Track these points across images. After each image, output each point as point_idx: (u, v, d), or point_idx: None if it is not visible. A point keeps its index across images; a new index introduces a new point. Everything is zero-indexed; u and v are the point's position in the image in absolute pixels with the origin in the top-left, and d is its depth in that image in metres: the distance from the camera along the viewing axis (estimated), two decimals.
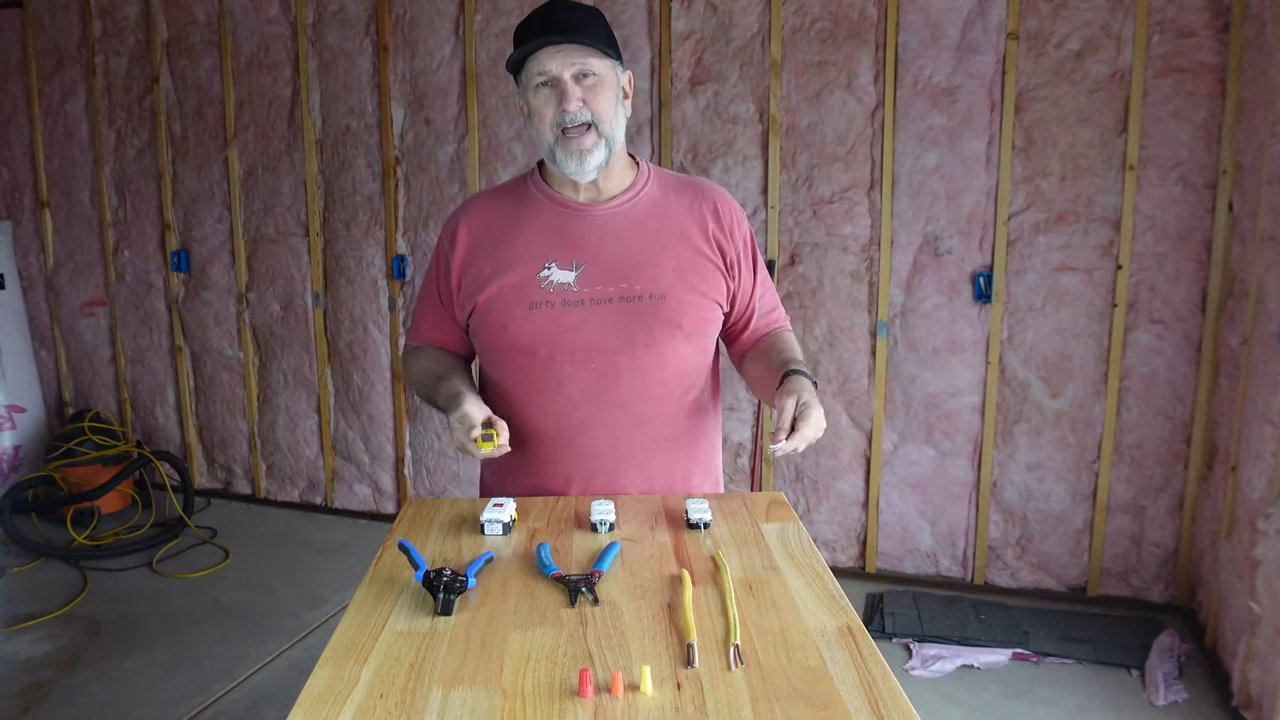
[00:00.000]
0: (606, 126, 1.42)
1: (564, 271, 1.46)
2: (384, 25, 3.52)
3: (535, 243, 1.48)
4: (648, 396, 1.49)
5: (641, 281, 1.45)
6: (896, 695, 0.93)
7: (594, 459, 1.50)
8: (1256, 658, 2.32)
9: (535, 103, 1.41)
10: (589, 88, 1.40)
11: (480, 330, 1.51)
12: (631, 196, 1.50)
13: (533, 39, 1.38)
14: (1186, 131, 2.78)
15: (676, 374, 1.51)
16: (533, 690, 0.94)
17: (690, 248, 1.48)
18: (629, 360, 1.46)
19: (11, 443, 4.10)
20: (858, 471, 3.25)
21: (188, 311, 4.08)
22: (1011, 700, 2.53)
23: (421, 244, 3.63)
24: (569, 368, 1.46)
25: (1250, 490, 2.43)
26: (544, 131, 1.42)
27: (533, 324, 1.45)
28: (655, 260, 1.46)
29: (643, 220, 1.49)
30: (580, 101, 1.39)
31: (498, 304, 1.47)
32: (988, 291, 3.00)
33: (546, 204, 1.50)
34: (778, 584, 1.18)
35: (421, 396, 1.59)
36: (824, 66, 3.07)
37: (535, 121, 1.43)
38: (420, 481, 3.83)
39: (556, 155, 1.42)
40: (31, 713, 2.53)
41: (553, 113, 1.40)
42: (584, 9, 1.43)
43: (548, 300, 1.45)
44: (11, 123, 4.23)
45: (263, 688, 2.65)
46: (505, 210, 1.52)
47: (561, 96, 1.39)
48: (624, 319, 1.45)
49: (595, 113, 1.40)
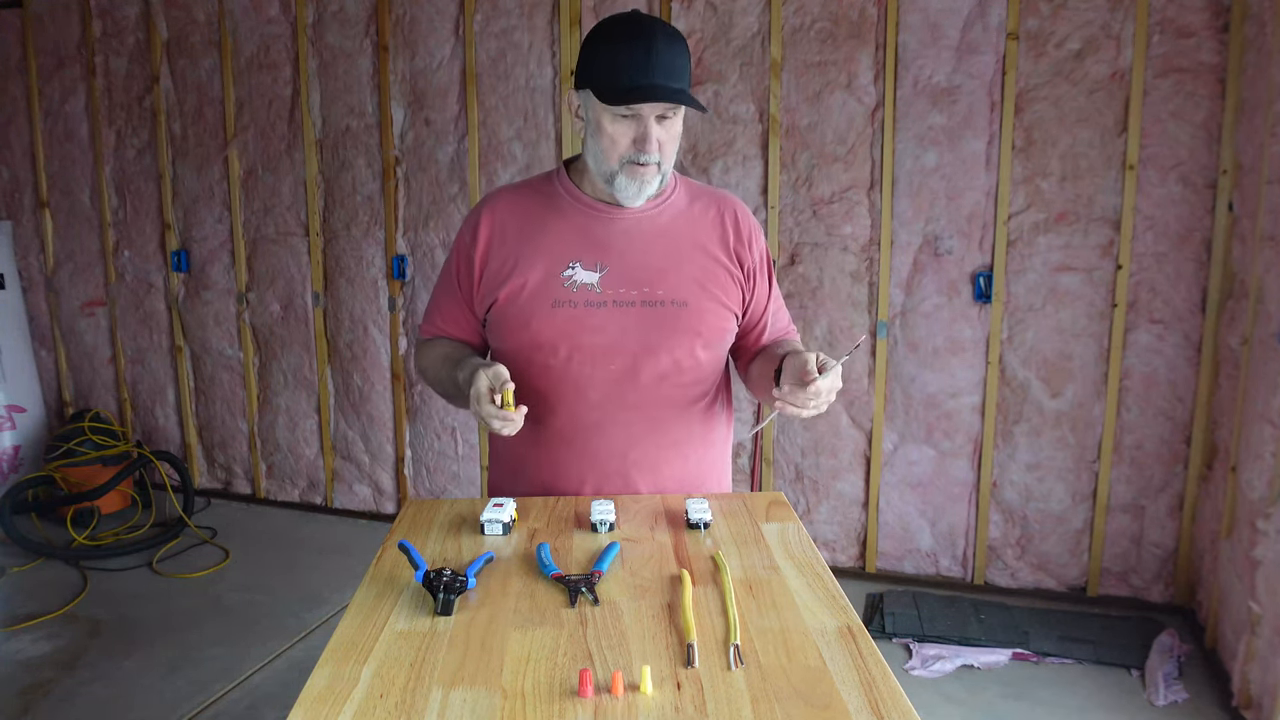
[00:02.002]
0: (668, 164, 1.43)
1: (588, 272, 1.46)
2: (384, 25, 3.52)
3: (560, 242, 1.48)
4: (664, 401, 1.51)
5: (664, 287, 1.47)
6: (896, 695, 0.93)
7: (607, 460, 1.51)
8: (1256, 658, 2.32)
9: (610, 129, 1.39)
10: (666, 128, 1.40)
11: (499, 326, 1.51)
12: (659, 203, 1.51)
13: (627, 79, 1.34)
14: (1186, 131, 2.78)
15: (693, 380, 1.52)
16: (533, 690, 0.94)
17: (711, 258, 1.50)
18: (648, 364, 1.48)
19: (11, 443, 4.10)
20: (858, 471, 3.25)
21: (188, 311, 4.08)
22: (1011, 700, 2.53)
23: (421, 244, 3.63)
24: (588, 368, 1.46)
25: (1250, 490, 2.43)
26: (610, 157, 1.40)
27: (554, 322, 1.45)
28: (678, 267, 1.48)
29: (668, 228, 1.50)
30: (657, 145, 1.39)
31: (520, 300, 1.47)
32: (988, 291, 3.00)
33: (574, 204, 1.50)
34: (778, 584, 1.18)
35: (436, 385, 1.58)
36: (824, 66, 3.07)
37: (602, 143, 1.40)
38: (420, 481, 3.83)
39: (617, 181, 1.41)
40: (31, 713, 2.53)
41: (626, 146, 1.39)
42: (679, 43, 1.39)
43: (570, 299, 1.45)
44: (11, 123, 4.23)
45: (263, 688, 2.65)
46: (531, 207, 1.51)
47: (644, 138, 1.37)
48: (645, 323, 1.46)
49: (665, 156, 1.41)
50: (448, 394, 1.55)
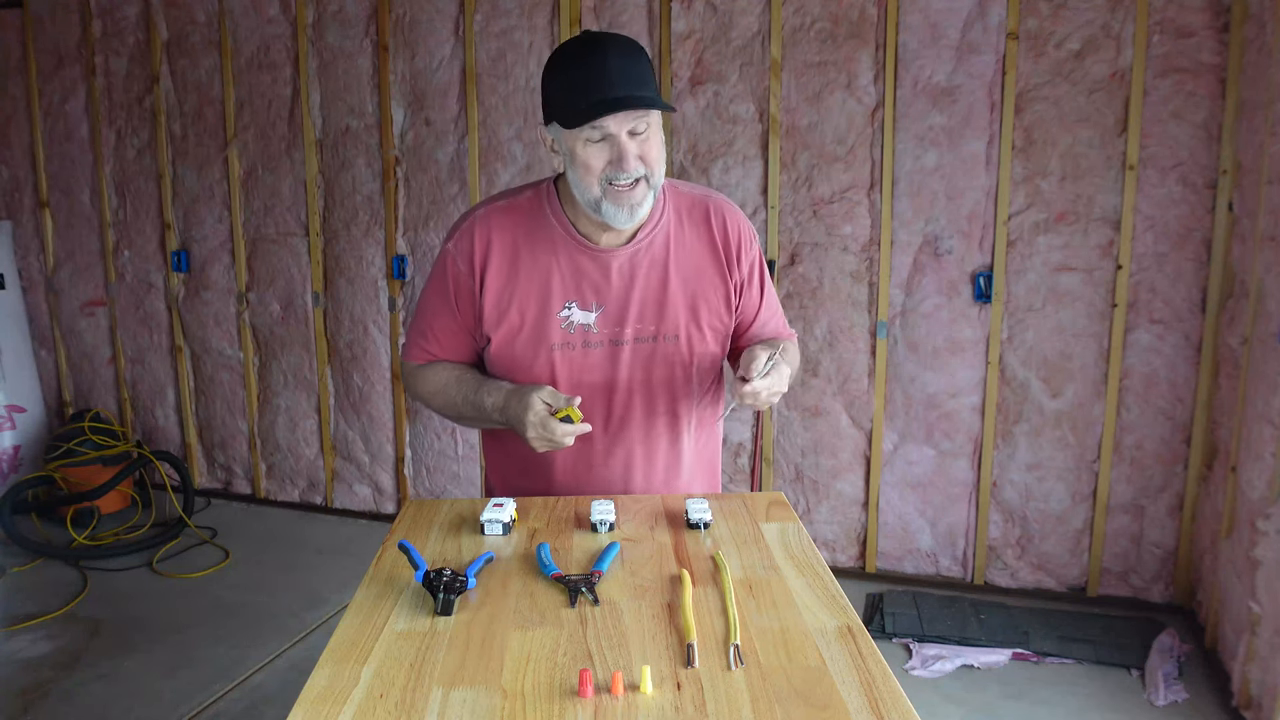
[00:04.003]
0: (656, 177, 1.39)
1: (584, 312, 1.47)
2: (384, 25, 3.52)
3: (555, 280, 1.47)
4: (660, 433, 1.55)
5: (657, 322, 1.49)
6: (896, 695, 0.93)
7: (606, 490, 1.55)
8: (1256, 658, 2.32)
9: (584, 155, 1.35)
10: (642, 141, 1.36)
11: (499, 365, 1.51)
12: (649, 232, 1.48)
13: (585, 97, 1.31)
14: (1186, 131, 2.77)
15: (688, 408, 1.56)
16: (533, 690, 0.94)
17: (704, 279, 1.51)
18: (645, 398, 1.51)
19: (11, 443, 4.10)
20: (858, 471, 3.25)
21: (188, 311, 4.08)
22: (1011, 700, 2.53)
23: (421, 244, 3.63)
24: (587, 405, 1.46)
25: (1250, 490, 2.43)
26: (589, 184, 1.36)
27: (555, 365, 1.48)
28: (672, 301, 1.49)
29: (659, 258, 1.49)
30: (637, 159, 1.35)
31: (519, 341, 1.48)
32: (988, 291, 3.00)
33: (566, 240, 1.47)
34: (778, 584, 1.18)
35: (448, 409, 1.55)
36: (824, 66, 3.07)
37: (579, 171, 1.36)
38: (420, 481, 3.83)
39: (603, 208, 1.37)
40: (31, 713, 2.53)
41: (602, 167, 1.35)
42: (634, 51, 1.36)
43: (569, 341, 1.47)
44: (11, 123, 4.22)
45: (263, 688, 2.65)
46: (523, 238, 1.48)
47: (620, 156, 1.34)
48: (641, 359, 1.49)
49: (648, 165, 1.37)
50: (462, 416, 1.54)
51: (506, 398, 1.42)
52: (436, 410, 1.59)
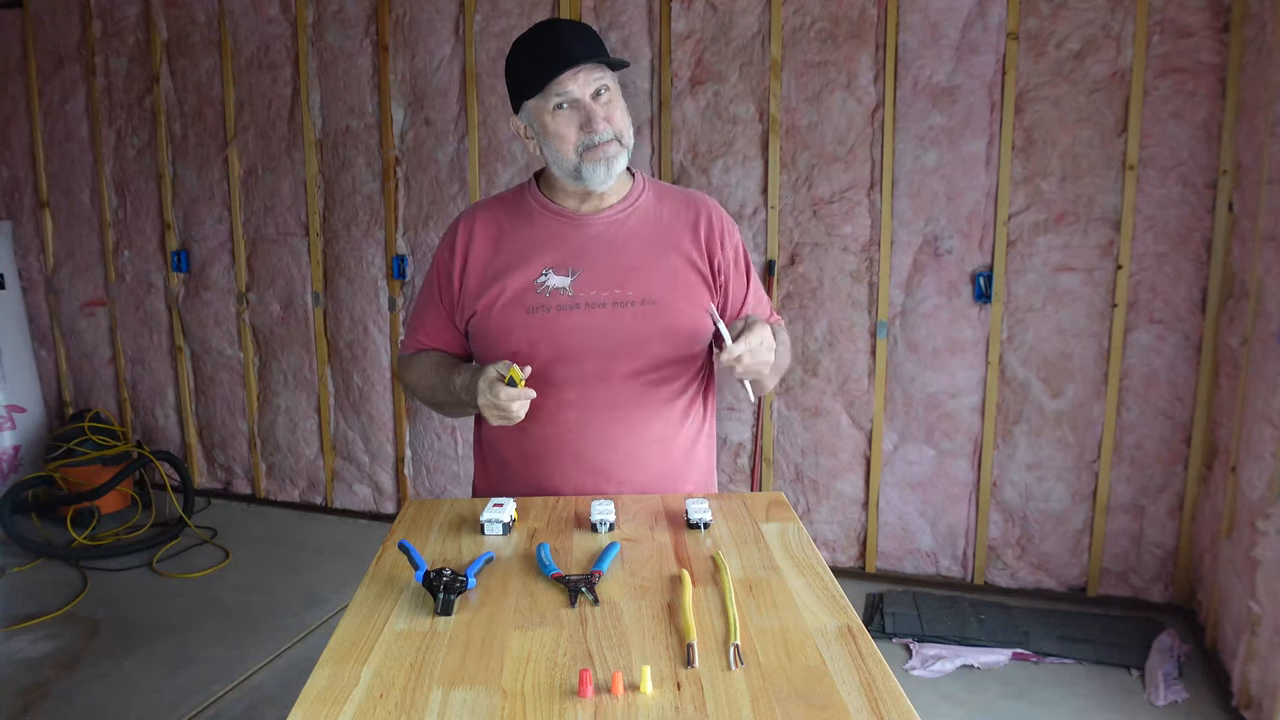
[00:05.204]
0: (627, 138, 1.47)
1: (560, 277, 1.50)
2: (384, 25, 3.52)
3: (534, 250, 1.52)
4: (640, 398, 1.53)
5: (634, 287, 1.50)
6: (896, 695, 0.93)
7: (591, 458, 1.53)
8: (1256, 658, 2.32)
9: (555, 125, 1.44)
10: (606, 104, 1.44)
11: (481, 337, 1.55)
12: (627, 206, 1.55)
13: (544, 63, 1.40)
14: (1186, 131, 2.78)
15: (668, 376, 1.54)
16: (533, 690, 0.94)
17: (681, 256, 1.53)
18: (621, 363, 1.50)
19: (11, 443, 4.10)
20: (858, 471, 3.25)
21: (188, 311, 4.08)
22: (1011, 700, 2.53)
23: (421, 244, 3.63)
24: (562, 368, 1.49)
25: (1250, 490, 2.43)
26: (565, 153, 1.45)
27: (530, 328, 1.49)
28: (648, 267, 1.51)
29: (637, 228, 1.54)
30: (605, 121, 1.43)
31: (498, 311, 1.51)
32: (988, 291, 3.00)
33: (544, 214, 1.55)
34: (778, 584, 1.18)
35: (426, 394, 1.61)
36: (824, 66, 3.07)
37: (554, 144, 1.45)
38: (420, 481, 3.83)
39: (582, 171, 1.45)
40: (31, 713, 2.53)
41: (575, 134, 1.43)
42: (582, 26, 1.48)
43: (544, 305, 1.49)
44: (11, 123, 4.23)
45: (263, 688, 2.65)
46: (504, 220, 1.56)
47: (588, 119, 1.42)
48: (617, 323, 1.49)
49: (616, 128, 1.45)
50: (439, 401, 1.59)
51: (470, 375, 1.44)
52: (420, 398, 1.64)
